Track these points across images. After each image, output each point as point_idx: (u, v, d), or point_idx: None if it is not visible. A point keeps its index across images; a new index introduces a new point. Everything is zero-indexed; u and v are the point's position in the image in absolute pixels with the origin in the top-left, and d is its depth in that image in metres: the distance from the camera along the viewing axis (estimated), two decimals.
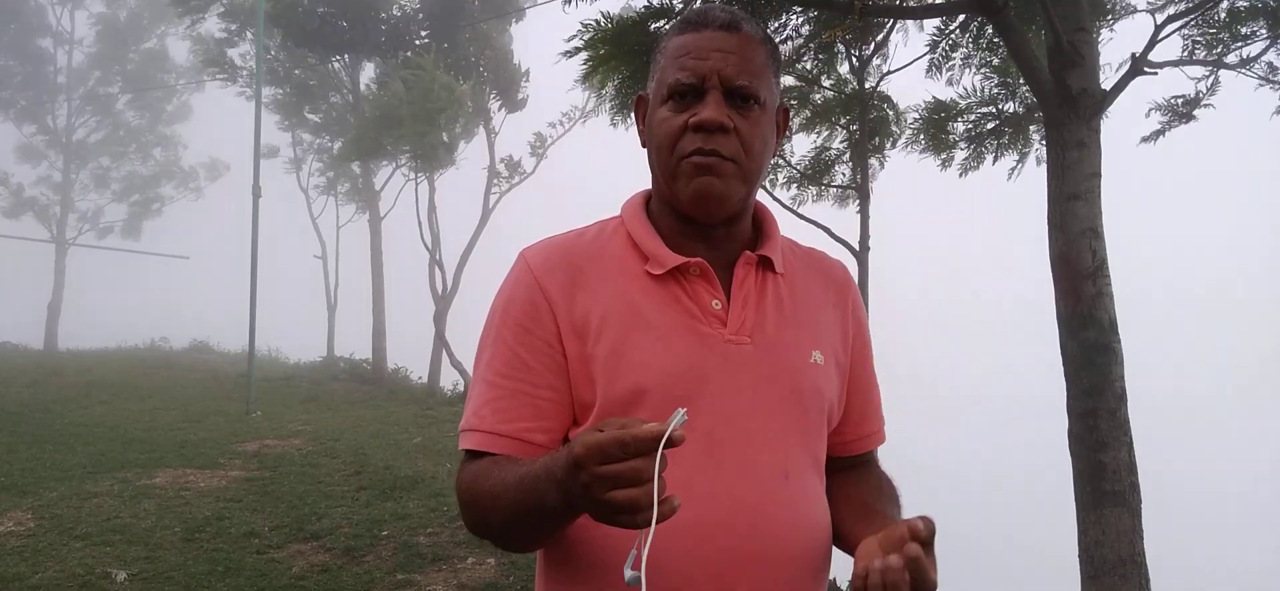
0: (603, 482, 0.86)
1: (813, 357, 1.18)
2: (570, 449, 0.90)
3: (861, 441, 1.28)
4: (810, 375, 1.17)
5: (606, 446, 0.86)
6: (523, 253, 1.20)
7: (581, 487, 0.88)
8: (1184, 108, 4.74)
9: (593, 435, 0.88)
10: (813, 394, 1.16)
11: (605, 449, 0.86)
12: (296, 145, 18.20)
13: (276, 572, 4.76)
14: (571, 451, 0.89)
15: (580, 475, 0.88)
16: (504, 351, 1.15)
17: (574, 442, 0.90)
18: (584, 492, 0.88)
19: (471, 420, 1.14)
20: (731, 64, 1.09)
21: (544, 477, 0.97)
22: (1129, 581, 3.34)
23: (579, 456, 0.87)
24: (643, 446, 0.85)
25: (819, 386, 1.17)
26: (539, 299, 1.14)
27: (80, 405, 10.40)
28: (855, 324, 1.27)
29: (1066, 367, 3.60)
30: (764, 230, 1.23)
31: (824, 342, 1.21)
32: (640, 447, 0.85)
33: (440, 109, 12.57)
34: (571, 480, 0.90)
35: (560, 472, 0.93)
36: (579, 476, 0.88)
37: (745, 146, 1.11)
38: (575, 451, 0.88)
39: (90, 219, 21.39)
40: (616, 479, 0.85)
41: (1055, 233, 3.64)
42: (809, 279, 1.24)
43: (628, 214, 1.22)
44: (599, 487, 0.86)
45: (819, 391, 1.17)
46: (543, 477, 0.97)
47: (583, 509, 0.92)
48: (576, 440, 0.90)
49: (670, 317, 1.13)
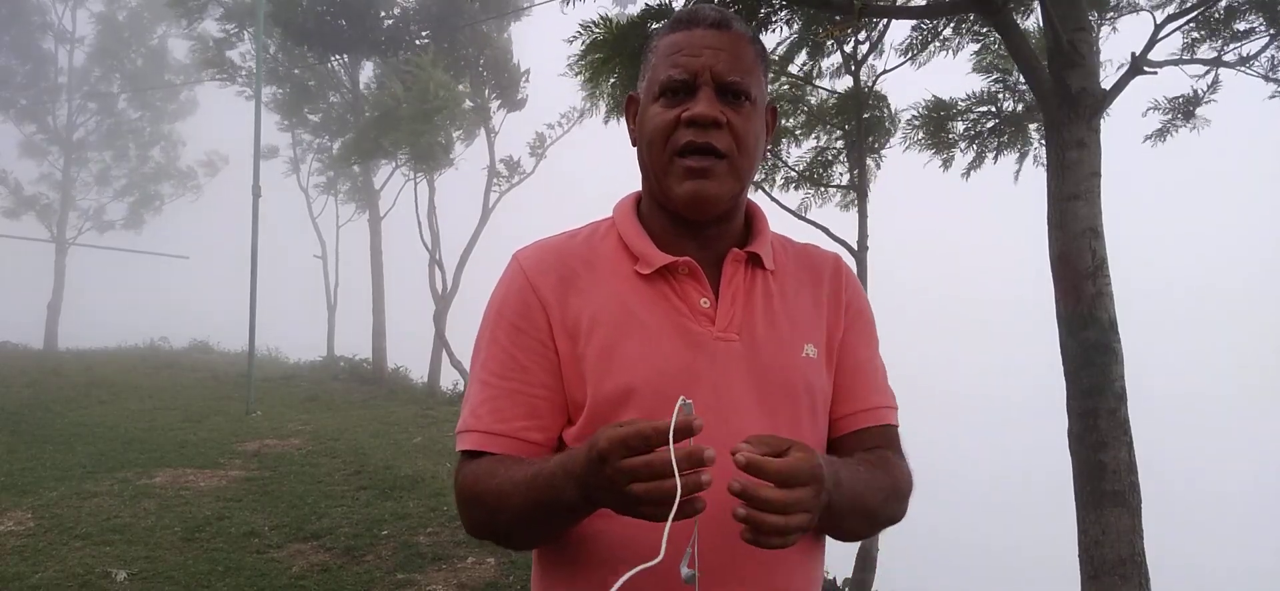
0: (627, 475, 0.88)
1: (805, 352, 1.18)
2: (592, 444, 0.92)
3: (852, 418, 1.22)
4: (802, 370, 1.17)
5: (629, 439, 0.88)
6: (516, 255, 1.21)
7: (606, 481, 0.90)
8: (1185, 106, 4.74)
9: (615, 429, 0.90)
10: (804, 389, 1.16)
11: (628, 441, 0.88)
12: (296, 145, 18.21)
13: (276, 572, 4.76)
14: (594, 446, 0.91)
15: (605, 468, 0.90)
16: (499, 352, 1.16)
17: (597, 437, 0.91)
18: (609, 486, 0.90)
19: (468, 421, 1.15)
20: (723, 61, 1.11)
21: (561, 475, 0.98)
22: (1129, 581, 3.34)
23: (603, 450, 0.89)
24: (665, 438, 0.87)
25: (810, 381, 1.17)
26: (532, 300, 1.15)
27: (80, 405, 10.40)
28: (848, 307, 1.25)
29: (1066, 367, 3.60)
30: (754, 227, 1.24)
31: (817, 336, 1.20)
32: (663, 439, 0.87)
33: (438, 108, 12.57)
34: (594, 475, 0.91)
35: (580, 468, 0.94)
36: (603, 470, 0.90)
37: (738, 141, 1.12)
38: (599, 446, 0.90)
39: (91, 216, 21.39)
40: (639, 472, 0.87)
41: (1055, 232, 3.64)
42: (800, 273, 1.25)
43: (619, 215, 1.23)
44: (624, 480, 0.88)
45: (810, 386, 1.17)
46: (559, 475, 0.99)
47: (605, 503, 0.93)
48: (598, 435, 0.91)
49: (660, 317, 1.14)
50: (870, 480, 1.11)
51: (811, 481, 0.92)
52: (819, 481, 0.93)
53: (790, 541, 0.91)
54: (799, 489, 0.91)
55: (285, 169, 18.38)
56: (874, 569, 5.19)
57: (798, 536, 0.92)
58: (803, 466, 0.91)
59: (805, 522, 0.91)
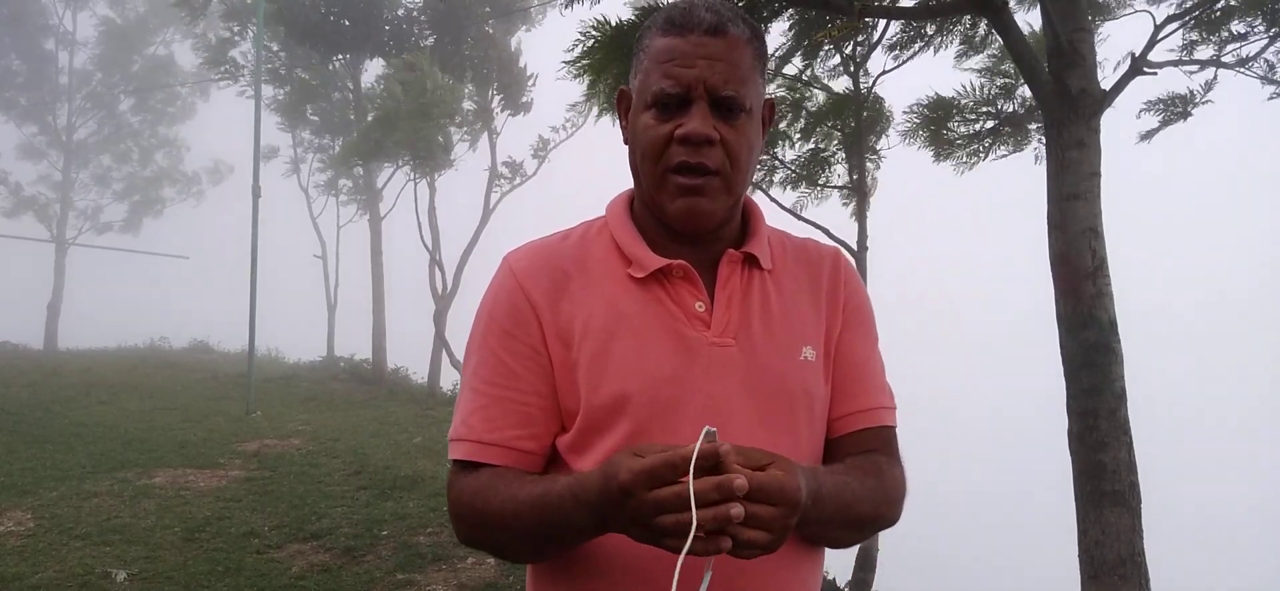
0: (654, 507, 0.86)
1: (803, 355, 1.15)
2: (609, 476, 0.90)
3: (850, 419, 1.18)
4: (800, 374, 1.14)
5: (657, 470, 0.86)
6: (506, 257, 1.19)
7: (629, 514, 0.88)
8: (1180, 105, 4.75)
9: (637, 460, 0.88)
10: (802, 393, 1.13)
11: (656, 472, 0.86)
12: (297, 145, 18.22)
13: (276, 572, 4.76)
14: (614, 478, 0.89)
15: (629, 501, 0.88)
16: (490, 359, 1.13)
17: (615, 469, 0.89)
18: (633, 520, 0.89)
19: (460, 430, 1.13)
20: (718, 72, 1.06)
21: (571, 500, 0.96)
22: (1129, 581, 3.34)
23: (627, 483, 0.87)
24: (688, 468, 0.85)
25: (808, 385, 1.14)
26: (523, 305, 1.12)
27: (80, 405, 10.39)
28: (847, 303, 1.21)
29: (1066, 367, 3.60)
30: (751, 226, 1.21)
31: (815, 336, 1.17)
32: (687, 468, 0.85)
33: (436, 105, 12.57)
34: (615, 506, 0.90)
35: (594, 498, 0.93)
36: (628, 503, 0.88)
37: (732, 157, 1.09)
38: (621, 479, 0.88)
39: (91, 216, 21.39)
40: (666, 504, 0.85)
41: (1055, 232, 3.64)
42: (798, 271, 1.21)
43: (611, 215, 1.20)
44: (651, 512, 0.86)
45: (808, 390, 1.14)
46: (569, 500, 0.96)
47: (626, 532, 0.91)
48: (617, 466, 0.89)
49: (653, 322, 1.11)
50: (858, 489, 1.08)
51: (782, 502, 0.90)
52: (791, 503, 0.91)
53: (749, 555, 0.90)
54: (765, 507, 0.89)
55: (286, 169, 18.43)
56: (874, 569, 5.19)
57: (757, 552, 0.90)
58: (771, 485, 0.89)
59: (766, 540, 0.89)
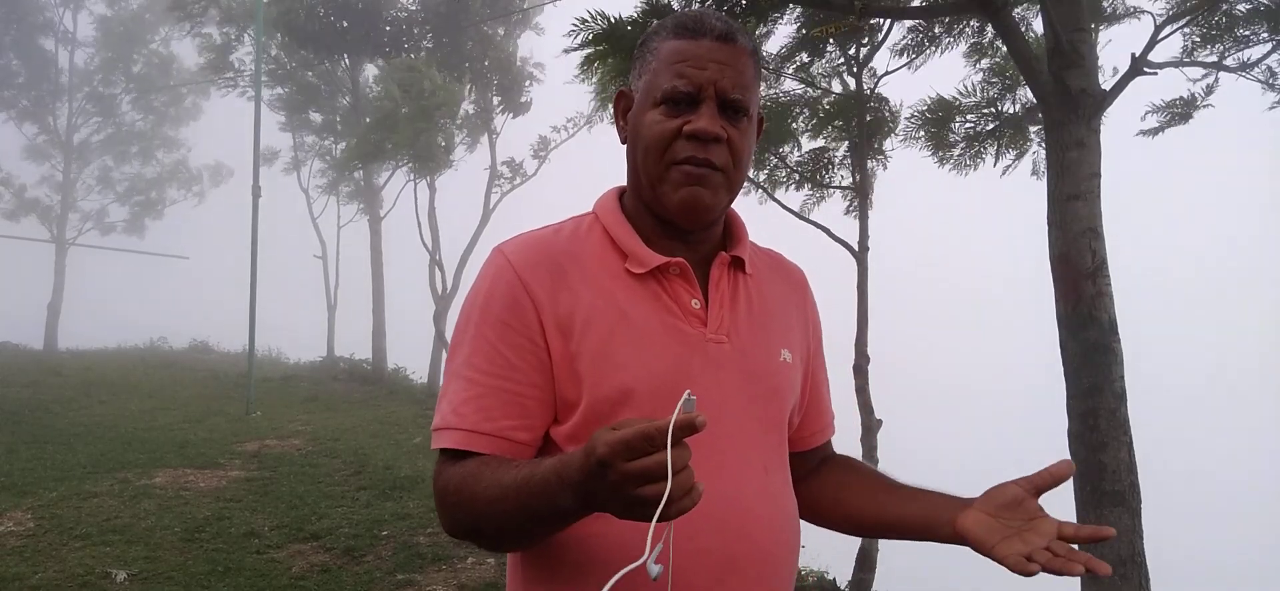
0: (633, 479, 0.86)
1: (782, 356, 1.22)
2: (589, 450, 0.89)
3: (821, 432, 1.36)
4: (780, 373, 1.21)
5: (633, 442, 0.86)
6: (499, 248, 1.19)
7: (610, 487, 0.88)
8: (1181, 108, 4.75)
9: (614, 433, 0.87)
10: (783, 391, 1.22)
11: (632, 444, 0.86)
12: (298, 147, 18.22)
13: (276, 572, 4.76)
14: (593, 453, 0.88)
15: (609, 473, 0.87)
16: (485, 347, 1.12)
17: (593, 443, 0.89)
18: (612, 491, 0.88)
19: (449, 418, 1.11)
20: (727, 76, 1.12)
21: (555, 481, 0.95)
22: (1129, 581, 3.34)
23: (604, 456, 0.87)
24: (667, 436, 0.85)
25: (784, 385, 1.22)
26: (521, 295, 1.12)
27: (80, 405, 10.40)
28: (813, 324, 1.34)
29: (1066, 367, 3.60)
30: (734, 232, 1.26)
31: (791, 342, 1.25)
32: (665, 439, 0.85)
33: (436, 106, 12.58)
34: (595, 481, 0.89)
35: (576, 475, 0.92)
36: (607, 475, 0.87)
37: (734, 157, 1.14)
38: (599, 452, 0.87)
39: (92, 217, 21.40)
40: (644, 474, 0.85)
41: (1055, 232, 3.64)
42: (773, 279, 1.29)
43: (603, 211, 1.22)
44: (631, 483, 0.86)
45: (784, 390, 1.22)
46: (553, 481, 0.95)
47: (605, 507, 0.91)
48: (595, 440, 0.89)
49: (653, 317, 1.13)
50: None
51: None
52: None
53: None
54: None
55: (286, 168, 18.43)
56: (874, 569, 5.18)
57: None
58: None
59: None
